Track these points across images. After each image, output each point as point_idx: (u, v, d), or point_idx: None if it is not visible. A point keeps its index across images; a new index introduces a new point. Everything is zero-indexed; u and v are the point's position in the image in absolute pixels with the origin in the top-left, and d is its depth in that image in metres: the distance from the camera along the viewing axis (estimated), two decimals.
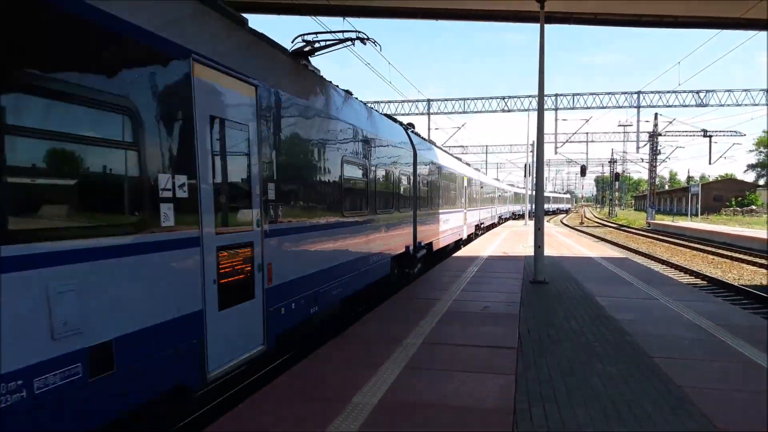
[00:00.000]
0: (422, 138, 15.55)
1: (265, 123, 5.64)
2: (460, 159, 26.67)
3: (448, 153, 22.68)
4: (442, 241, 16.59)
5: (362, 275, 8.90)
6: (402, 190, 11.82)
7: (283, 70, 6.53)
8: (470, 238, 23.71)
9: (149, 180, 3.90)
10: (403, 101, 44.73)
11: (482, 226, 29.01)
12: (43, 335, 3.05)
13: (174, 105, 4.21)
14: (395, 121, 12.78)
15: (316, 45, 7.81)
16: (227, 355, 4.77)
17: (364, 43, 8.57)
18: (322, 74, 8.05)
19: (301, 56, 7.48)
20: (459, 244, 20.64)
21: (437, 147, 18.41)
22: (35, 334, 3.02)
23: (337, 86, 8.77)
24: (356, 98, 9.64)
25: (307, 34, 7.88)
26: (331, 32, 8.11)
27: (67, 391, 3.16)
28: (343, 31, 8.19)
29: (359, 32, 8.29)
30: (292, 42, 7.79)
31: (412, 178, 12.76)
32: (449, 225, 18.09)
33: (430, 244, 14.48)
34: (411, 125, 15.55)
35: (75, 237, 3.28)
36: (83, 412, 3.31)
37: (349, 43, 8.24)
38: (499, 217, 41.01)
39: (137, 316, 3.76)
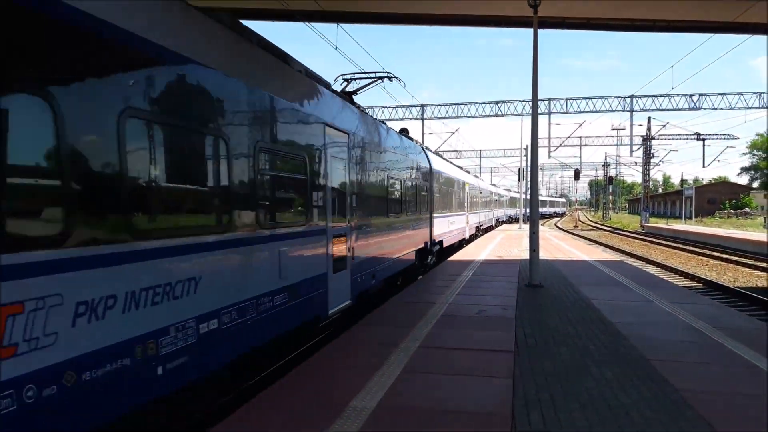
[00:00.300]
0: (435, 153, 19.31)
1: (351, 156, 8.63)
2: (461, 168, 30.07)
3: (453, 164, 26.07)
4: (451, 240, 19.64)
5: (398, 262, 11.75)
6: (422, 197, 14.73)
7: (359, 119, 9.51)
8: (471, 238, 26.77)
9: (310, 195, 6.79)
10: (397, 106, 44.80)
11: (481, 227, 32.17)
12: (276, 275, 5.79)
13: (320, 153, 7.18)
14: (413, 140, 15.50)
15: (356, 84, 11.17)
16: (335, 302, 7.67)
17: (391, 80, 11.53)
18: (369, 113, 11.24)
19: (348, 96, 10.15)
20: (462, 243, 23.21)
21: (444, 159, 21.85)
22: (275, 273, 5.79)
23: (385, 123, 12.30)
24: (393, 130, 12.82)
25: (347, 74, 11.16)
26: (365, 72, 11.56)
27: (285, 307, 5.94)
28: (375, 72, 11.47)
29: (388, 72, 11.34)
30: (335, 80, 10.52)
31: (429, 187, 15.76)
32: (456, 226, 21.02)
33: (441, 241, 17.44)
34: (405, 130, 15.70)
35: (288, 226, 6.18)
36: (289, 317, 6.11)
37: (380, 81, 11.41)
38: (496, 220, 42.82)
39: (307, 271, 6.67)
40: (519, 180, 40.12)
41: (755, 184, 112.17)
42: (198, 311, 4.39)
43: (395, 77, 11.39)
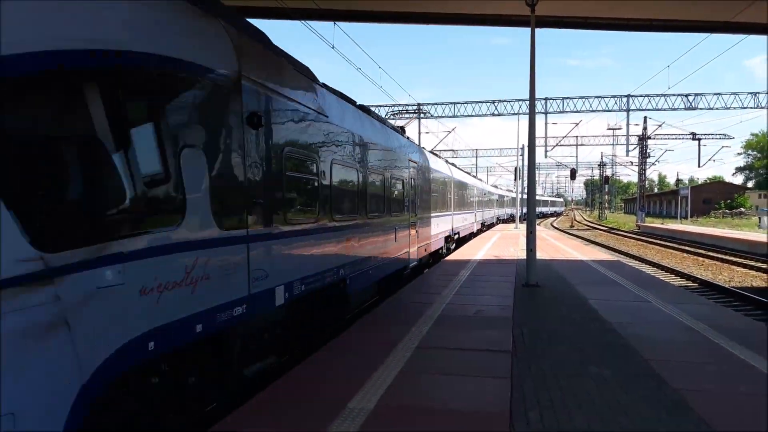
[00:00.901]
0: (453, 165, 25.02)
1: (413, 174, 13.34)
2: (469, 173, 35.56)
3: (465, 171, 31.59)
4: (464, 232, 25.34)
5: (435, 242, 16.67)
6: (446, 198, 19.41)
7: (418, 150, 14.61)
8: (478, 232, 32.20)
9: (395, 201, 11.30)
10: (394, 105, 44.75)
11: (485, 224, 37.44)
12: (395, 246, 11.50)
13: (413, 176, 13.41)
14: (440, 156, 22.36)
15: (397, 117, 21.82)
16: (410, 263, 12.77)
17: (424, 114, 20.13)
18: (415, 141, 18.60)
19: (402, 130, 14.84)
20: (471, 235, 28.36)
21: (459, 169, 27.15)
22: (394, 244, 11.60)
23: (436, 153, 18.62)
24: (436, 154, 19.49)
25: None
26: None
27: (397, 259, 11.73)
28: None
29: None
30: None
31: (450, 190, 20.48)
32: (467, 222, 26.43)
33: (458, 232, 22.78)
34: (402, 129, 15.72)
35: (397, 219, 11.61)
36: (398, 264, 11.72)
37: (413, 114, 22.52)
38: (497, 218, 46.32)
39: (402, 246, 11.87)
40: (516, 179, 40.17)
41: (750, 184, 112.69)
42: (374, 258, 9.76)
43: (427, 113, 20.02)
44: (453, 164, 26.28)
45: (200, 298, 4.33)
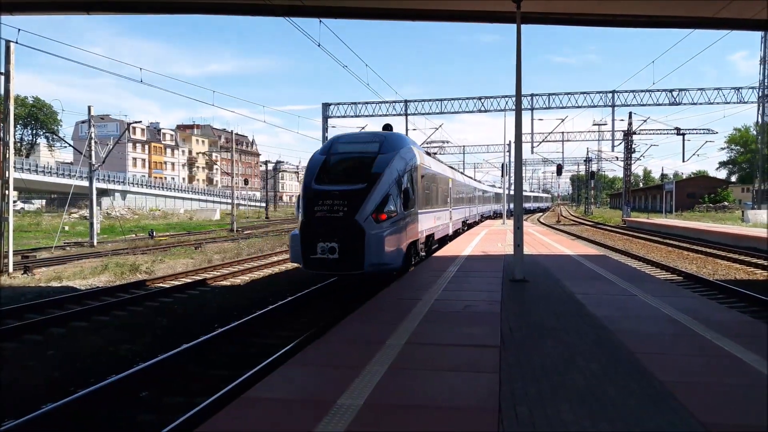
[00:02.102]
0: (455, 169, 30.57)
1: (454, 188, 24.61)
2: (472, 177, 45.98)
3: (471, 178, 41.14)
4: (471, 220, 34.82)
5: (462, 226, 27.75)
6: (462, 198, 28.42)
7: (455, 173, 27.44)
8: (478, 222, 39.60)
9: (452, 200, 23.96)
10: (381, 102, 44.71)
11: (483, 215, 44.49)
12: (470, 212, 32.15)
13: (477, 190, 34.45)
14: (460, 171, 34.65)
15: (430, 149, 33.13)
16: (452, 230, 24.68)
17: (448, 142, 46.18)
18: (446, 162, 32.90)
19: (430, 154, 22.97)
20: (472, 225, 35.57)
21: (460, 172, 34.39)
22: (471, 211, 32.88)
23: (463, 172, 37.23)
24: (458, 170, 34.31)
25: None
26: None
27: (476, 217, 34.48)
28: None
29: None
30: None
31: (465, 192, 30.38)
32: (472, 212, 35.25)
33: (466, 219, 31.43)
34: (389, 126, 15.74)
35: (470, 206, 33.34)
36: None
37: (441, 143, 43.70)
38: (493, 212, 51.16)
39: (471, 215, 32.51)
40: (502, 176, 40.32)
41: (733, 179, 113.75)
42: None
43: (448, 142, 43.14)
44: (460, 171, 37.61)
45: (421, 227, 15.37)
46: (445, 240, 22.03)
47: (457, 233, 26.07)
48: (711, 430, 3.94)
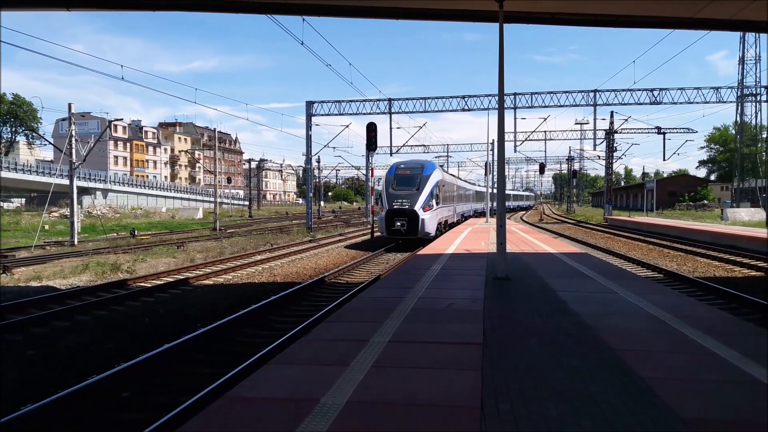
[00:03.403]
0: (466, 180, 47.85)
1: (464, 189, 43.85)
2: (467, 181, 54.19)
3: (468, 181, 53.31)
4: (467, 213, 43.89)
5: (461, 218, 40.95)
6: (461, 197, 40.60)
7: (458, 180, 42.88)
8: (473, 216, 48.53)
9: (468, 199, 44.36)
10: (365, 100, 44.63)
11: (477, 211, 52.02)
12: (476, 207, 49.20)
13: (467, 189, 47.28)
14: (463, 179, 49.89)
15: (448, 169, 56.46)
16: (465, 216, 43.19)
17: (451, 156, 66.11)
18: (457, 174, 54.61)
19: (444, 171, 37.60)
20: (468, 217, 44.48)
21: (464, 180, 47.68)
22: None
23: (460, 178, 48.36)
24: (465, 179, 52.60)
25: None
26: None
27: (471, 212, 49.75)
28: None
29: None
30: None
31: (468, 193, 44.01)
32: (466, 208, 44.24)
33: (464, 212, 41.41)
34: (373, 124, 15.77)
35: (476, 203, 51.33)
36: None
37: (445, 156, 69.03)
38: (474, 211, 55.45)
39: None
40: (486, 174, 40.52)
41: (713, 177, 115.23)
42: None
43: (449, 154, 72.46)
44: (459, 177, 48.63)
45: (441, 216, 29.45)
46: (452, 225, 34.59)
47: (459, 222, 38.48)
48: (690, 425, 3.99)
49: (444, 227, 30.26)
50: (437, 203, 27.11)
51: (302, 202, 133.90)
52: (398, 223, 25.36)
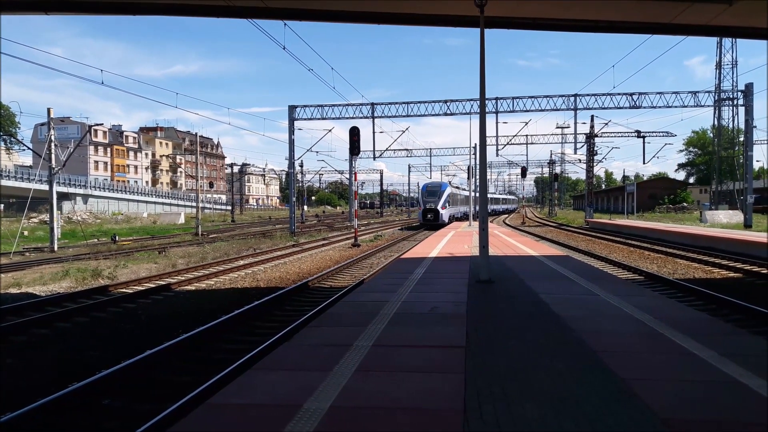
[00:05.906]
0: (463, 188, 62.15)
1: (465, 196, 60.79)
2: (465, 189, 61.28)
3: (465, 188, 61.57)
4: (466, 213, 54.46)
5: (466, 215, 53.71)
6: (463, 201, 58.71)
7: (459, 188, 62.75)
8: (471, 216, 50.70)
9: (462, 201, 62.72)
10: (347, 105, 44.67)
11: (471, 212, 57.90)
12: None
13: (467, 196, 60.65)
14: (464, 188, 64.93)
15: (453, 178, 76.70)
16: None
17: (453, 164, 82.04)
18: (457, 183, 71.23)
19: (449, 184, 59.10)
20: (467, 217, 48.70)
21: (464, 187, 60.43)
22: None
23: (461, 186, 67.64)
24: (464, 187, 65.45)
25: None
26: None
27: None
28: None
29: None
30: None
31: (469, 196, 46.77)
32: (463, 209, 56.87)
33: (466, 212, 48.43)
34: (356, 128, 15.79)
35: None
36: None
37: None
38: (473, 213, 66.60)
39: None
40: (468, 178, 40.71)
41: (692, 180, 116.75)
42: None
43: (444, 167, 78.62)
44: (461, 187, 63.41)
45: (451, 212, 52.51)
46: (458, 219, 54.61)
47: (461, 219, 54.64)
48: (669, 425, 4.05)
49: (452, 219, 52.21)
50: (449, 205, 50.35)
51: (286, 207, 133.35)
52: (429, 216, 47.96)
